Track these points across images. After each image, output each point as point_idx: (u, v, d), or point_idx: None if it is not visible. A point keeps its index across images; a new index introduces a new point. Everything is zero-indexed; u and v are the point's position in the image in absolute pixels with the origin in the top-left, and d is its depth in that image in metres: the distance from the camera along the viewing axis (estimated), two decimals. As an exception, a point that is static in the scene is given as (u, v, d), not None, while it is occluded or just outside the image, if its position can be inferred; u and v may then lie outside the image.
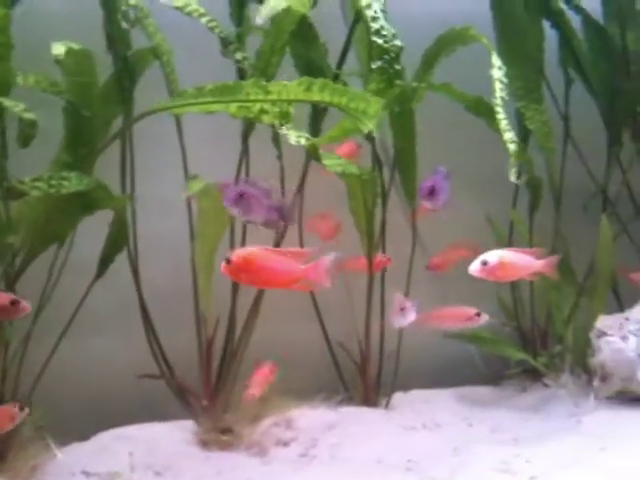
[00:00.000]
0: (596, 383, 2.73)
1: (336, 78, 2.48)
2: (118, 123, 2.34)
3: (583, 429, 2.49)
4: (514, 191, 3.00)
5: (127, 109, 2.28)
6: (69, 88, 2.08)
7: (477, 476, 2.16)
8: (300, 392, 2.66)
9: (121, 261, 2.48)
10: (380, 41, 2.28)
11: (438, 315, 2.56)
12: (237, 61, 2.32)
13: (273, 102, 1.90)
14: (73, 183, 1.93)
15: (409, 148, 2.53)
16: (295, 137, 1.99)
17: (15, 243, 2.02)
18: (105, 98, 2.25)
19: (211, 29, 2.31)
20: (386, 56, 2.29)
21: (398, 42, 2.30)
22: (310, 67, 2.50)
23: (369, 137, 2.46)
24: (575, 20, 2.89)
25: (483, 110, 2.46)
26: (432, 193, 2.33)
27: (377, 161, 2.66)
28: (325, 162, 2.22)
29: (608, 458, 2.16)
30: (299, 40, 2.41)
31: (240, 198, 1.97)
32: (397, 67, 2.28)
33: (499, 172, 2.36)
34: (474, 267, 2.14)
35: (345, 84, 2.47)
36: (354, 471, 2.32)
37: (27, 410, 2.07)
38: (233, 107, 1.92)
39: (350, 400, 2.79)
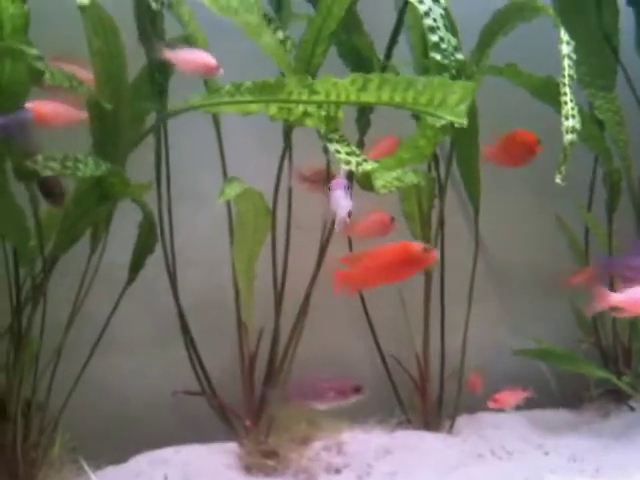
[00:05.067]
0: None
1: (384, 70, 2.27)
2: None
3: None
4: (589, 190, 2.72)
5: (160, 104, 2.13)
6: (97, 77, 1.94)
7: (555, 511, 1.88)
8: (352, 413, 2.42)
9: (158, 271, 2.33)
10: (439, 57, 1.98)
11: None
12: (280, 42, 2.12)
13: (319, 104, 1.68)
14: (89, 167, 1.77)
15: (470, 141, 2.29)
16: (344, 158, 1.78)
17: (35, 246, 1.88)
18: (137, 93, 2.11)
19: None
20: (446, 74, 1.99)
21: (460, 56, 2.01)
22: (356, 57, 2.30)
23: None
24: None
25: (552, 95, 2.16)
26: None
27: (433, 157, 2.43)
28: (378, 185, 1.97)
29: None
30: (342, 27, 2.21)
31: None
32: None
33: (573, 169, 2.08)
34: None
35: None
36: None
37: None
38: (273, 108, 1.73)
39: (408, 423, 2.54)
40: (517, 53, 2.32)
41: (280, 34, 2.13)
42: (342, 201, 1.65)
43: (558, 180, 1.93)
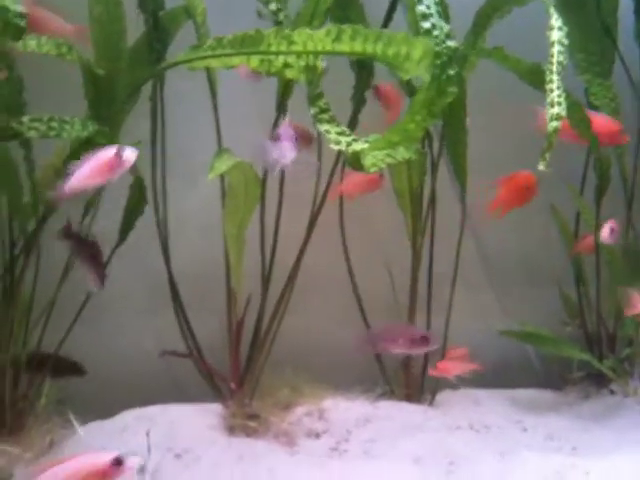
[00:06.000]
0: (670, 391, 2.43)
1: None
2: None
3: (652, 441, 2.20)
4: (582, 178, 2.74)
5: (157, 72, 2.18)
6: (96, 43, 1.99)
7: (525, 484, 1.93)
8: (336, 382, 2.49)
9: (150, 237, 2.39)
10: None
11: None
12: (273, 13, 2.15)
13: (298, 54, 1.73)
14: (75, 128, 1.83)
15: (458, 122, 2.32)
16: (334, 138, 1.81)
17: (28, 204, 1.94)
18: (134, 60, 2.16)
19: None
20: (437, 61, 2.03)
21: (452, 43, 2.00)
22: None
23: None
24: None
25: (540, 81, 2.19)
26: None
27: (426, 134, 2.46)
28: (367, 164, 1.98)
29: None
30: (338, 3, 2.24)
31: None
32: (451, 72, 1.88)
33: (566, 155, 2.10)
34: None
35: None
36: (388, 470, 2.12)
37: None
38: (254, 60, 1.78)
39: (390, 395, 2.59)
40: (519, 39, 2.35)
41: (273, 5, 2.17)
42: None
43: (542, 167, 1.95)
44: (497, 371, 2.66)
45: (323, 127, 1.89)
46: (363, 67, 2.37)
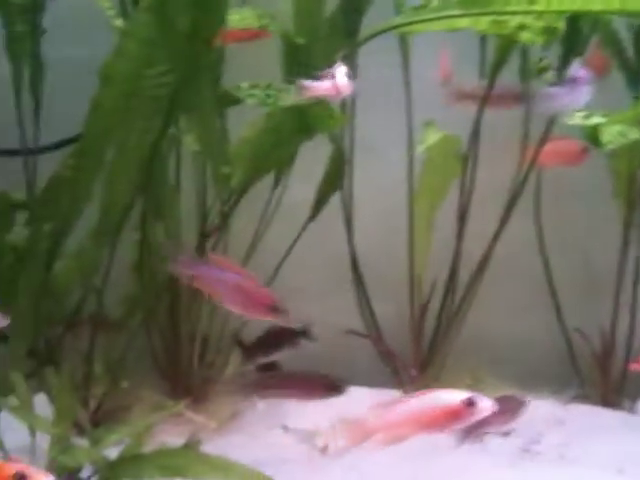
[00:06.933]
0: None
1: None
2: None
3: None
4: None
5: (353, 42, 2.10)
6: (297, 14, 1.95)
7: None
8: (522, 379, 2.30)
9: (333, 214, 2.33)
10: None
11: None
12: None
13: (538, 14, 1.56)
14: (291, 96, 1.78)
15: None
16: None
17: (230, 174, 1.93)
18: (330, 29, 2.10)
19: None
20: None
21: None
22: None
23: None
24: None
25: None
26: None
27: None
28: (605, 140, 1.82)
29: None
30: None
31: None
32: None
33: None
34: None
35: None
36: (589, 477, 1.93)
37: None
38: (484, 21, 1.62)
39: (584, 398, 2.36)
40: None
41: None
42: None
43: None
44: None
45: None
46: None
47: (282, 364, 2.13)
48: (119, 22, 1.84)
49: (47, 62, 2.09)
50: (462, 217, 2.24)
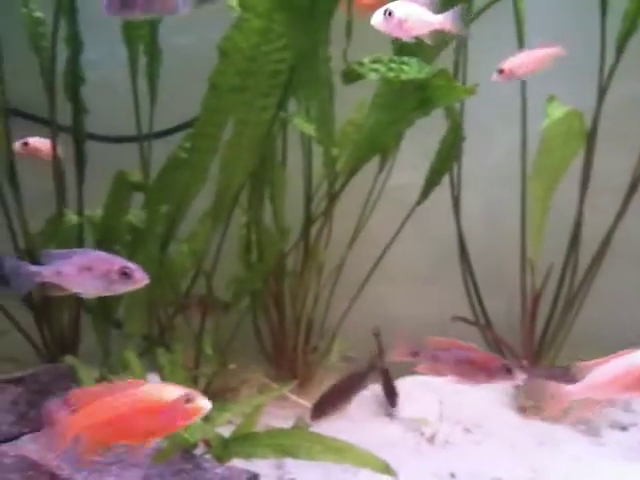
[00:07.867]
0: None
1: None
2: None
3: None
4: None
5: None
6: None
7: None
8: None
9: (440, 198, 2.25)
10: None
11: None
12: None
13: None
14: (413, 69, 1.71)
15: None
16: None
17: (337, 157, 1.89)
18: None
19: None
20: None
21: None
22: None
23: None
24: None
25: None
26: None
27: None
28: None
29: None
30: None
31: None
32: None
33: None
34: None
35: None
36: None
37: None
38: None
39: None
40: None
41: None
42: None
43: None
44: None
45: None
46: None
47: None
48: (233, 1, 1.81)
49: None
50: (581, 199, 2.13)
